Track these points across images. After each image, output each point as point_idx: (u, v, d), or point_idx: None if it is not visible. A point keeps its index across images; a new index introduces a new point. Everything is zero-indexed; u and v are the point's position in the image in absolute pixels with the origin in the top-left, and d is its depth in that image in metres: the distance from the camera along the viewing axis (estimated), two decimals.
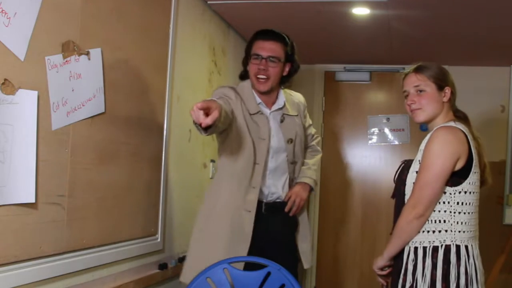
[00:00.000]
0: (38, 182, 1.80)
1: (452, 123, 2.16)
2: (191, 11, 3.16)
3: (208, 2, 3.36)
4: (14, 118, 1.69)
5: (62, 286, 1.99)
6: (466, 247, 2.03)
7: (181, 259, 3.00)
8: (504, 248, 3.92)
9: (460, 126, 2.17)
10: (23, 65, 1.73)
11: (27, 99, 1.74)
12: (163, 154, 2.76)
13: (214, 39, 3.54)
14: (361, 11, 3.40)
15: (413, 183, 2.09)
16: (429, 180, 2.04)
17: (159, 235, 2.74)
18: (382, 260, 2.20)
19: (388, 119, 4.84)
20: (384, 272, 2.25)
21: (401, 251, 2.14)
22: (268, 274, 2.36)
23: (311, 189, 2.73)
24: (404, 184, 2.16)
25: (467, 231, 2.06)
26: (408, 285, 2.04)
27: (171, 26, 2.81)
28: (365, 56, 4.61)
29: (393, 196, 2.28)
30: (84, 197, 2.09)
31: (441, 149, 2.05)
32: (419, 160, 2.11)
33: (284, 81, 2.71)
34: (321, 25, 3.73)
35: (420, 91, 2.19)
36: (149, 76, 2.61)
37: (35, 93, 1.77)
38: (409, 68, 2.27)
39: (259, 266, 2.40)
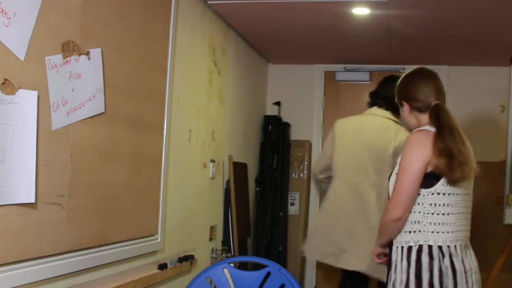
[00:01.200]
0: (38, 182, 1.80)
1: (427, 127, 2.20)
2: (191, 11, 3.16)
3: (208, 2, 3.36)
4: (14, 118, 1.69)
5: (62, 286, 1.99)
6: (440, 247, 2.11)
7: (181, 259, 3.00)
8: (504, 248, 3.91)
9: (433, 128, 2.19)
10: (23, 65, 1.73)
11: (27, 99, 1.74)
12: (163, 154, 2.76)
13: (214, 39, 3.54)
14: (361, 11, 3.40)
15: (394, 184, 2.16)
16: (404, 183, 2.11)
17: (159, 235, 2.74)
18: (376, 249, 2.34)
19: None
20: (380, 260, 2.37)
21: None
22: (268, 274, 2.36)
23: None
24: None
25: (444, 232, 2.14)
26: (391, 281, 2.14)
27: (171, 26, 2.80)
28: (365, 56, 4.61)
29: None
30: (84, 197, 2.09)
31: (412, 153, 2.13)
32: (397, 163, 2.19)
33: None
34: (321, 25, 3.73)
35: None
36: (149, 76, 2.61)
37: (35, 93, 1.77)
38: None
39: (259, 266, 2.40)
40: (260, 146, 4.70)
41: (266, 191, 4.58)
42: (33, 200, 1.77)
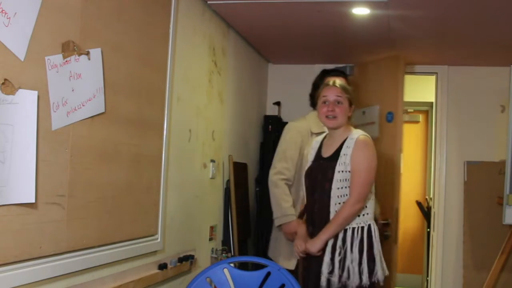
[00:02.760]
0: (38, 182, 1.80)
1: (363, 132, 2.87)
2: (191, 11, 3.16)
3: (208, 2, 3.36)
4: (14, 118, 1.69)
5: (62, 286, 1.99)
6: (370, 225, 2.78)
7: (181, 259, 3.00)
8: (504, 248, 3.91)
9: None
10: (23, 65, 1.73)
11: (27, 99, 1.74)
12: (163, 154, 2.76)
13: (214, 39, 3.54)
14: (361, 11, 3.40)
15: (342, 172, 2.75)
16: (369, 180, 2.78)
17: (159, 235, 2.74)
18: (321, 243, 2.74)
19: (364, 112, 4.80)
20: (319, 253, 2.77)
21: None
22: (268, 274, 2.36)
23: None
24: (329, 181, 2.76)
25: (372, 214, 2.84)
26: (337, 257, 2.70)
27: (171, 26, 2.81)
28: (365, 56, 4.61)
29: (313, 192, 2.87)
30: (84, 197, 2.09)
31: (374, 154, 2.82)
32: (344, 162, 2.76)
33: None
34: (321, 25, 3.73)
35: (338, 102, 2.85)
36: (149, 76, 2.61)
37: (35, 93, 1.77)
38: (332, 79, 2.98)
39: (259, 266, 2.40)
40: (260, 146, 4.70)
41: (266, 191, 4.57)
42: (33, 200, 1.77)
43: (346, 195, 2.77)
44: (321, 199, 2.82)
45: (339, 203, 2.76)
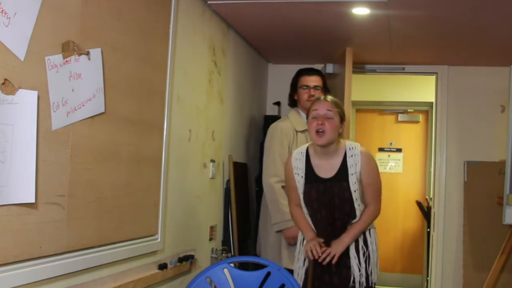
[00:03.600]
0: (38, 182, 1.80)
1: (355, 143, 2.86)
2: (191, 11, 3.16)
3: (208, 2, 3.36)
4: (14, 118, 1.69)
5: (62, 286, 1.99)
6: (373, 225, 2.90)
7: (181, 259, 3.00)
8: (504, 248, 3.91)
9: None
10: (23, 65, 1.73)
11: (27, 99, 1.74)
12: (163, 154, 2.76)
13: (214, 39, 3.54)
14: (361, 11, 3.40)
15: (358, 190, 2.76)
16: (381, 187, 2.87)
17: (159, 235, 2.74)
18: (345, 246, 2.76)
19: None
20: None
21: None
22: (268, 274, 2.36)
23: None
24: (348, 201, 2.76)
25: None
26: (362, 258, 2.79)
27: (171, 26, 2.81)
28: (365, 56, 4.61)
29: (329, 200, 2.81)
30: (84, 197, 2.09)
31: (376, 162, 2.89)
32: (356, 181, 2.75)
33: None
34: (321, 25, 3.73)
35: (329, 117, 2.75)
36: (149, 76, 2.61)
37: (35, 93, 1.77)
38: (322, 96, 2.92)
39: (259, 266, 2.40)
40: (260, 146, 4.70)
41: None
42: (33, 200, 1.77)
43: (362, 207, 2.81)
44: (341, 218, 2.80)
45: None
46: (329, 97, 2.85)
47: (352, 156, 2.78)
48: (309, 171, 2.84)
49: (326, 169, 2.81)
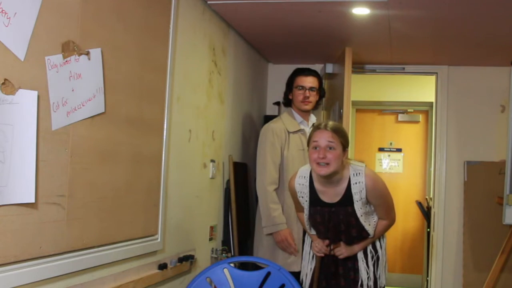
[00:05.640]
0: (38, 182, 1.80)
1: (359, 164, 2.73)
2: (191, 11, 3.16)
3: (208, 2, 3.36)
4: (14, 118, 1.69)
5: (62, 286, 1.99)
6: None
7: (181, 259, 3.00)
8: (504, 248, 3.91)
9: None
10: (23, 65, 1.73)
11: (27, 99, 1.74)
12: (163, 154, 2.76)
13: (214, 39, 3.54)
14: (361, 11, 3.40)
15: (364, 214, 2.70)
16: (392, 201, 2.81)
17: (159, 235, 2.74)
18: (353, 252, 2.78)
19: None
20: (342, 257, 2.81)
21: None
22: (268, 274, 2.36)
23: None
24: (355, 227, 2.71)
25: None
26: (371, 261, 2.79)
27: (171, 26, 2.80)
28: (365, 56, 4.61)
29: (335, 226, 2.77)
30: (84, 197, 2.09)
31: (382, 180, 2.76)
32: (361, 207, 2.67)
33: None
34: (321, 25, 3.73)
35: (330, 148, 2.61)
36: (149, 76, 2.61)
37: (35, 93, 1.77)
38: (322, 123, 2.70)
39: (259, 266, 2.40)
40: None
41: None
42: (33, 200, 1.77)
43: (372, 221, 2.78)
44: (349, 241, 2.79)
45: (375, 227, 2.81)
46: (330, 125, 2.65)
47: (356, 183, 2.65)
48: (313, 195, 2.76)
49: (330, 195, 2.73)
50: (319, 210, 2.75)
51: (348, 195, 2.68)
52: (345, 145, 2.65)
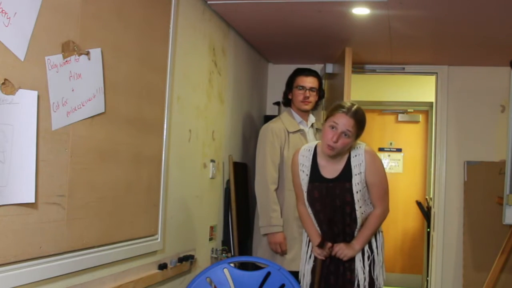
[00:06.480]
0: (38, 182, 1.80)
1: (362, 143, 2.80)
2: (191, 11, 3.16)
3: (208, 2, 3.36)
4: (14, 118, 1.69)
5: (62, 286, 1.99)
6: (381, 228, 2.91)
7: (181, 259, 3.00)
8: (504, 248, 3.91)
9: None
10: (23, 65, 1.73)
11: (27, 99, 1.74)
12: (163, 154, 2.76)
13: (214, 39, 3.54)
14: (361, 11, 3.40)
15: (361, 191, 2.72)
16: (388, 187, 2.83)
17: (159, 235, 2.74)
18: (354, 253, 2.76)
19: None
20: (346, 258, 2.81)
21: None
22: (268, 274, 2.36)
23: None
24: (350, 204, 2.73)
25: None
26: (367, 262, 2.78)
27: (171, 26, 2.81)
28: (365, 56, 4.61)
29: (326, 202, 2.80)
30: (84, 197, 2.09)
31: (381, 161, 2.86)
32: (359, 182, 2.71)
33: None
34: (321, 25, 3.73)
35: (346, 134, 2.66)
36: (149, 76, 2.61)
37: (35, 93, 1.77)
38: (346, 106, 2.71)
39: (259, 266, 2.40)
40: None
41: None
42: (33, 200, 1.77)
43: (366, 210, 2.78)
44: (342, 221, 2.78)
45: (364, 218, 2.80)
46: (355, 113, 2.67)
47: (356, 156, 2.75)
48: (314, 170, 2.83)
49: (331, 170, 2.80)
50: (317, 185, 2.80)
51: (347, 169, 2.75)
52: (359, 135, 2.74)
